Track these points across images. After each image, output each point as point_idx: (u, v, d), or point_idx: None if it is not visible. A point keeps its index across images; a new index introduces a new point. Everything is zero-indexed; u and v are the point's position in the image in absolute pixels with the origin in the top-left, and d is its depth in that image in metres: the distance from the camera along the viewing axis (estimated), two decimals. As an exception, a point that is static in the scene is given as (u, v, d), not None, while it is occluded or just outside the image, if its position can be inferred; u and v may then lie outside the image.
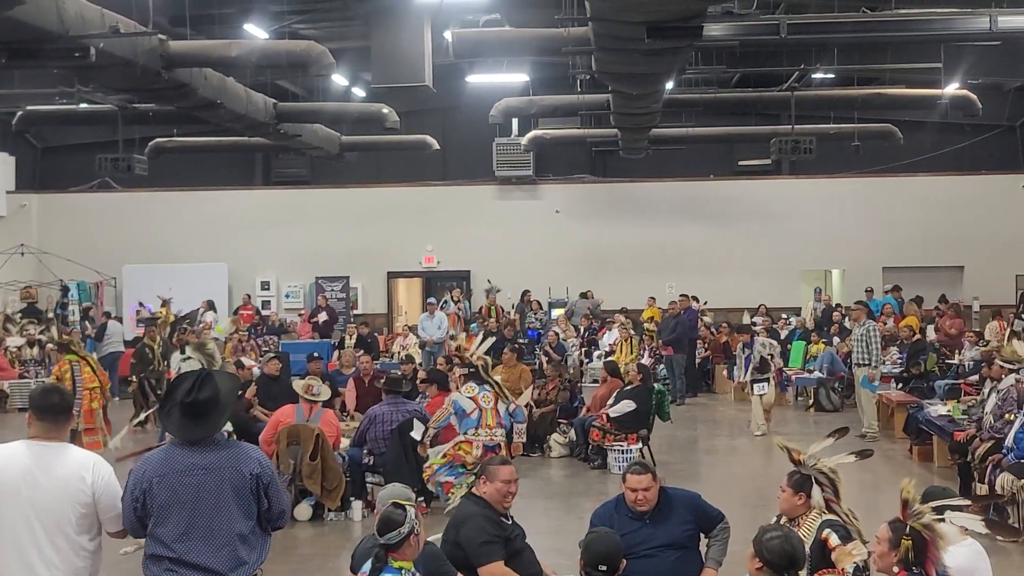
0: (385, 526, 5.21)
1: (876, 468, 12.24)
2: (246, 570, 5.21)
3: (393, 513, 5.25)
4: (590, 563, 5.21)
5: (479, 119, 23.97)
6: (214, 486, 5.17)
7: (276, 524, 5.48)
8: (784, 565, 4.92)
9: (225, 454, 5.30)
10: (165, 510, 5.14)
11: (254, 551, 5.29)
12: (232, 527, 5.18)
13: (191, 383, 5.30)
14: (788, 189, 26.90)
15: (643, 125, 21.55)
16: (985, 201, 25.92)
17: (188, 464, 5.20)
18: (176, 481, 5.16)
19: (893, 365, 18.12)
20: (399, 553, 5.20)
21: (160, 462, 5.26)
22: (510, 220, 26.96)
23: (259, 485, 5.28)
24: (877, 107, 22.62)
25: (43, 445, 5.15)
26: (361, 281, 27.39)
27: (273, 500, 5.36)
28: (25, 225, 27.26)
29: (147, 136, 24.05)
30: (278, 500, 5.41)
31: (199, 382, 5.30)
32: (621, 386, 14.52)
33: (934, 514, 5.08)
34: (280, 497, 5.44)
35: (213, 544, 5.14)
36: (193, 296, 24.74)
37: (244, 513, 5.24)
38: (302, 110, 22.27)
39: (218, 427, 5.38)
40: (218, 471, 5.21)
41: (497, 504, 6.64)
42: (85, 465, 5.16)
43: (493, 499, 6.64)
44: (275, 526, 5.49)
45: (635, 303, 23.95)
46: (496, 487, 6.63)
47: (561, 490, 12.99)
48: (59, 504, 5.07)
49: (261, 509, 5.32)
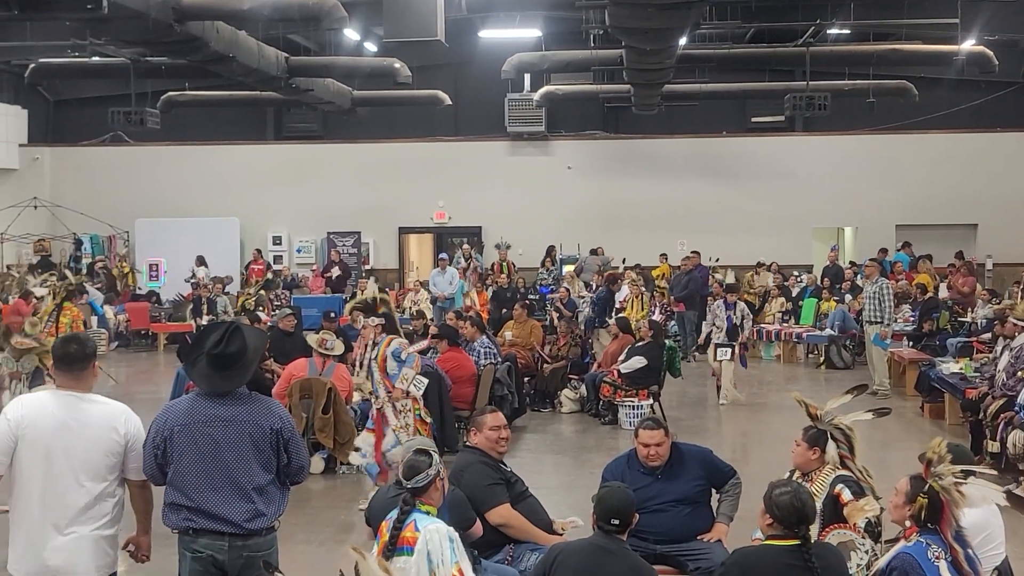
0: (411, 470, 5.29)
1: (887, 426, 12.24)
2: (264, 521, 5.26)
3: (417, 459, 5.34)
4: (603, 517, 5.23)
5: (491, 74, 23.86)
6: (234, 438, 5.23)
7: (295, 479, 5.51)
8: (794, 520, 4.94)
9: (247, 407, 5.34)
10: (184, 459, 5.21)
11: (272, 504, 5.33)
12: (250, 479, 5.24)
13: (220, 335, 5.32)
14: (801, 146, 26.76)
15: (656, 81, 21.41)
16: (1000, 159, 25.77)
17: (210, 415, 5.26)
18: (197, 431, 5.23)
19: (905, 323, 18.11)
20: (426, 497, 5.28)
21: (183, 411, 5.32)
22: (522, 176, 26.88)
23: (279, 440, 5.32)
24: (893, 63, 22.44)
25: (73, 395, 5.22)
26: (372, 236, 27.38)
27: (293, 455, 5.39)
28: (38, 178, 27.28)
29: (159, 90, 23.99)
30: (297, 456, 5.44)
31: (228, 334, 5.32)
32: (632, 342, 14.54)
33: (956, 477, 5.09)
34: (300, 453, 5.47)
35: (231, 495, 5.20)
36: (205, 251, 24.85)
37: (263, 466, 5.29)
38: (314, 64, 22.18)
39: (243, 380, 5.40)
40: (239, 424, 5.26)
41: (491, 451, 6.72)
42: (117, 416, 5.26)
43: (486, 447, 6.71)
44: (294, 481, 5.53)
45: (647, 260, 23.90)
46: (486, 435, 6.71)
47: (572, 445, 13.04)
48: (93, 454, 5.17)
49: (280, 464, 5.36)
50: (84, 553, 5.15)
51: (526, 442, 12.94)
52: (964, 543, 5.06)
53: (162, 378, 16.29)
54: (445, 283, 21.93)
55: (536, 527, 6.58)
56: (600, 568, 5.09)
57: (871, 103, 23.03)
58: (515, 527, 6.50)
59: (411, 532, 5.13)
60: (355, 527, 9.10)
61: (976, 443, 11.11)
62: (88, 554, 5.16)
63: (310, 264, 26.88)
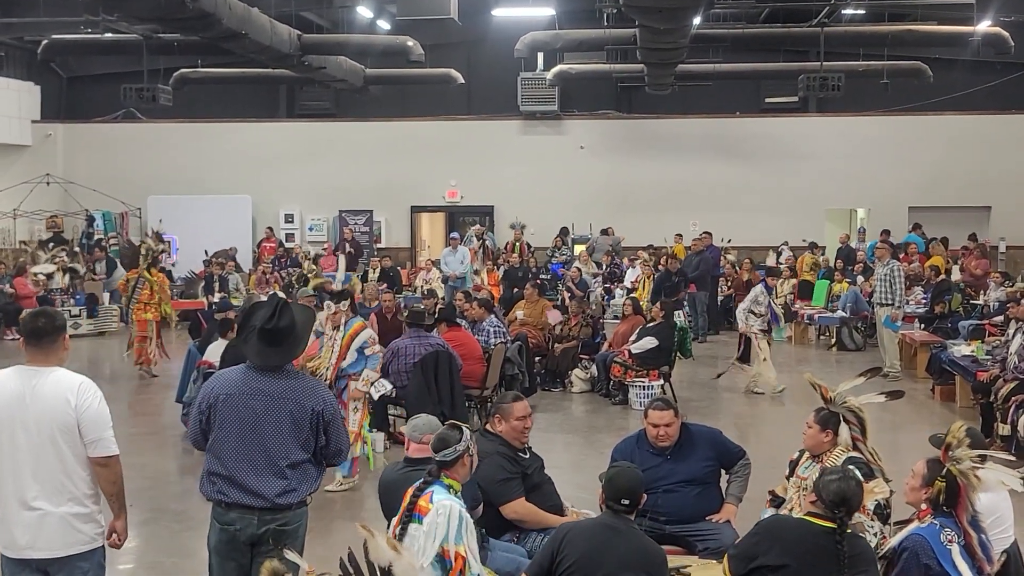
0: (441, 443, 5.33)
1: (897, 408, 12.19)
2: (294, 496, 5.36)
3: (450, 432, 5.38)
4: (612, 497, 5.24)
5: (504, 53, 23.81)
6: (275, 414, 5.33)
7: (332, 461, 5.66)
8: (837, 503, 4.97)
9: (293, 385, 5.45)
10: (225, 427, 5.35)
11: (305, 481, 5.42)
12: (286, 455, 5.34)
13: (271, 311, 5.46)
14: (815, 127, 26.65)
15: (670, 60, 21.34)
16: (1015, 141, 25.62)
17: (255, 388, 5.38)
18: (240, 403, 5.36)
19: (917, 305, 18.06)
20: (452, 471, 5.32)
21: (231, 381, 5.47)
22: (534, 155, 26.82)
23: (320, 421, 5.41)
24: (907, 44, 22.33)
25: (33, 370, 5.13)
26: (384, 215, 27.38)
27: (332, 437, 5.48)
28: (50, 155, 27.31)
29: (172, 67, 24.00)
30: (337, 438, 5.52)
31: (278, 310, 5.46)
32: (643, 323, 14.53)
33: (974, 461, 5.08)
34: (340, 436, 5.55)
35: (264, 469, 5.31)
36: (217, 228, 24.88)
37: (300, 445, 5.38)
38: (327, 42, 22.16)
39: (293, 355, 5.56)
40: (282, 400, 5.36)
41: (513, 440, 6.67)
42: (71, 388, 5.11)
43: (509, 436, 6.66)
44: (331, 463, 5.68)
45: (659, 240, 23.85)
46: (512, 425, 6.65)
47: (582, 425, 13.04)
48: (46, 427, 5.06)
49: (319, 444, 5.45)
50: (48, 530, 5.05)
51: (536, 421, 12.75)
52: (979, 528, 5.07)
53: (173, 355, 16.32)
54: (456, 262, 21.92)
55: (549, 515, 6.57)
56: (609, 547, 5.10)
57: (885, 84, 22.92)
58: (529, 521, 6.50)
59: (426, 502, 5.16)
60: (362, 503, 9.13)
61: (987, 426, 11.09)
62: (54, 531, 5.06)
63: (322, 242, 26.89)
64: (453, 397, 11.37)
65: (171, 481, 10.09)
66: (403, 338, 11.86)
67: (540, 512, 6.53)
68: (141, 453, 9.92)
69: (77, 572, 5.14)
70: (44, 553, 5.08)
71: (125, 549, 7.74)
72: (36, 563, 5.10)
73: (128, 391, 15.13)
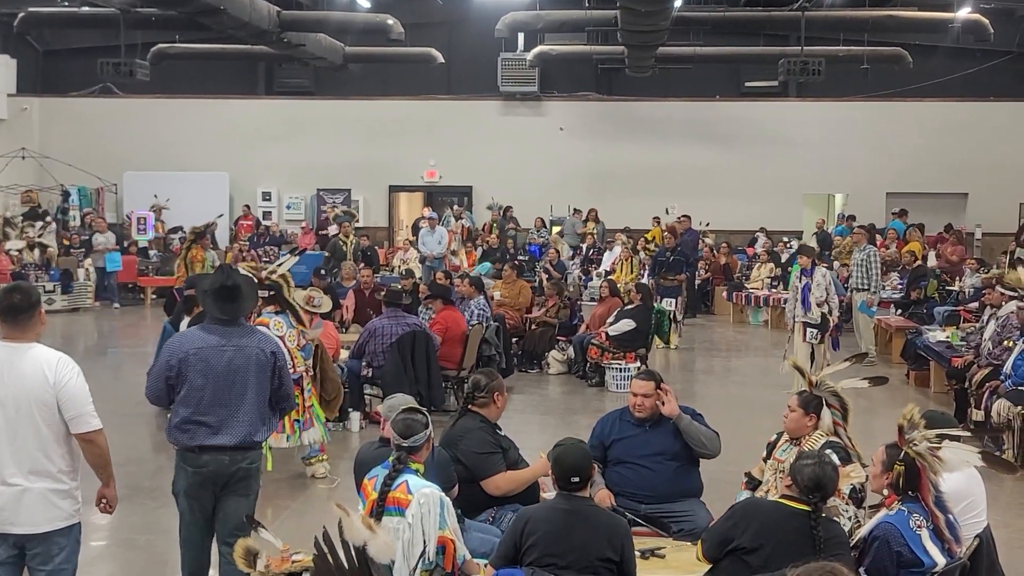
0: (409, 429, 5.36)
1: (872, 393, 12.15)
2: (262, 435, 6.01)
3: (414, 419, 5.42)
4: (561, 476, 5.26)
5: (485, 33, 23.74)
6: (243, 361, 5.93)
7: (282, 405, 6.27)
8: (811, 488, 5.00)
9: (252, 335, 6.11)
10: (198, 379, 5.85)
11: (269, 422, 6.11)
12: (254, 400, 5.93)
13: (218, 273, 6.25)
14: (794, 112, 26.69)
15: (650, 43, 21.32)
16: (992, 128, 25.74)
17: (222, 341, 5.95)
18: (211, 354, 5.89)
19: (893, 290, 18.12)
20: (417, 456, 5.37)
21: (196, 337, 6.01)
22: (514, 136, 26.77)
23: (276, 364, 6.05)
24: (888, 30, 22.37)
25: (10, 346, 5.10)
26: (363, 194, 27.28)
27: (284, 380, 6.15)
28: (26, 129, 27.08)
29: (149, 42, 23.82)
30: (288, 382, 6.22)
31: (227, 271, 6.27)
32: (621, 305, 14.55)
33: (931, 442, 5.10)
34: (288, 381, 6.23)
35: (238, 411, 5.88)
36: (194, 205, 24.74)
37: (264, 388, 5.99)
38: (306, 19, 22.03)
39: (247, 309, 6.29)
40: (247, 348, 5.97)
41: (494, 418, 6.78)
42: (49, 364, 5.09)
43: (493, 415, 6.76)
44: (281, 407, 6.27)
45: (638, 223, 23.85)
46: (502, 405, 6.82)
47: (558, 407, 13.06)
48: (24, 403, 5.04)
49: (274, 387, 6.06)
50: (27, 506, 5.04)
51: (513, 403, 12.88)
52: (945, 508, 5.09)
53: (149, 332, 16.24)
54: (434, 242, 21.87)
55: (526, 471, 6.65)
56: (569, 530, 5.13)
57: (865, 70, 22.97)
58: (515, 488, 6.55)
59: (402, 493, 5.15)
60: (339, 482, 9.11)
61: (960, 412, 11.15)
62: (33, 507, 5.05)
63: (299, 221, 26.79)
64: (430, 377, 11.37)
65: (145, 459, 10.04)
66: (380, 318, 11.83)
67: (519, 474, 6.60)
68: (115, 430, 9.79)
69: (55, 548, 5.13)
70: (23, 529, 5.07)
71: (99, 526, 7.75)
72: (14, 539, 5.09)
73: (103, 368, 15.06)
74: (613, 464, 6.85)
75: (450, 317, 12.39)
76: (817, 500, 5.00)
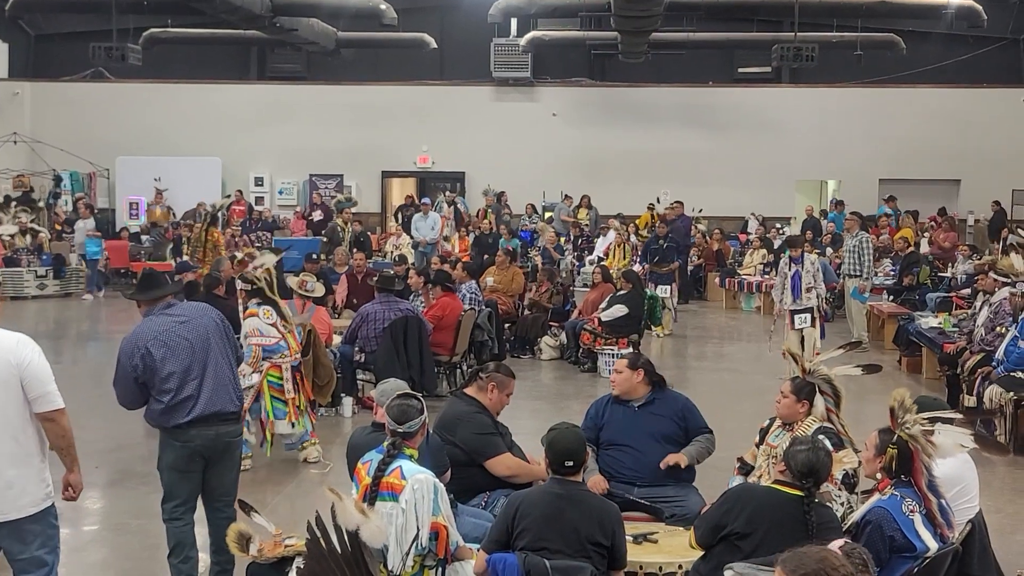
0: (405, 415, 5.32)
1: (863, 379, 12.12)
2: (239, 404, 6.20)
3: (410, 404, 5.38)
4: (555, 460, 5.26)
5: (478, 18, 23.70)
6: (199, 333, 6.05)
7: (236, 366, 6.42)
8: (804, 473, 5.00)
9: (192, 307, 6.32)
10: (167, 363, 5.93)
11: (239, 391, 6.30)
12: (223, 367, 6.09)
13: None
14: (787, 98, 26.68)
15: (644, 28, 21.29)
16: (985, 115, 25.75)
17: (168, 323, 6.04)
18: (166, 337, 5.97)
19: (886, 277, 18.15)
20: (411, 441, 5.34)
21: (147, 328, 6.04)
22: (506, 122, 26.73)
23: (226, 327, 6.25)
24: (881, 16, 22.37)
25: None
26: (355, 179, 27.24)
27: (234, 343, 6.41)
28: (18, 113, 26.99)
29: (141, 26, 23.73)
30: (236, 344, 6.52)
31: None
32: (613, 290, 14.55)
33: (923, 425, 5.11)
34: (236, 342, 6.56)
35: (212, 382, 6.02)
36: (186, 190, 24.71)
37: (227, 353, 6.17)
38: (298, 3, 21.96)
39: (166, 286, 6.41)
40: (195, 320, 6.11)
41: (492, 410, 6.77)
42: (9, 345, 4.99)
43: (492, 406, 6.75)
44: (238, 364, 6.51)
45: (631, 209, 23.84)
46: (500, 399, 6.78)
47: (550, 392, 13.06)
48: None
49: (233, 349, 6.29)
50: None
51: (505, 388, 12.93)
52: (938, 493, 5.09)
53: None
54: (427, 228, 21.87)
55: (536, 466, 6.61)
56: (561, 515, 5.12)
57: (859, 56, 22.96)
58: (522, 475, 6.55)
59: (396, 479, 5.13)
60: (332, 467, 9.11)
61: (953, 397, 11.16)
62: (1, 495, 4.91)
63: (292, 206, 26.75)
64: (422, 363, 11.37)
65: (137, 443, 10.02)
66: (372, 303, 11.82)
67: (530, 466, 6.58)
68: (107, 416, 9.83)
69: (28, 536, 5.00)
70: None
71: (91, 511, 7.75)
72: None
73: (95, 353, 15.03)
74: (605, 447, 6.86)
75: (449, 303, 12.37)
76: (810, 485, 5.00)
